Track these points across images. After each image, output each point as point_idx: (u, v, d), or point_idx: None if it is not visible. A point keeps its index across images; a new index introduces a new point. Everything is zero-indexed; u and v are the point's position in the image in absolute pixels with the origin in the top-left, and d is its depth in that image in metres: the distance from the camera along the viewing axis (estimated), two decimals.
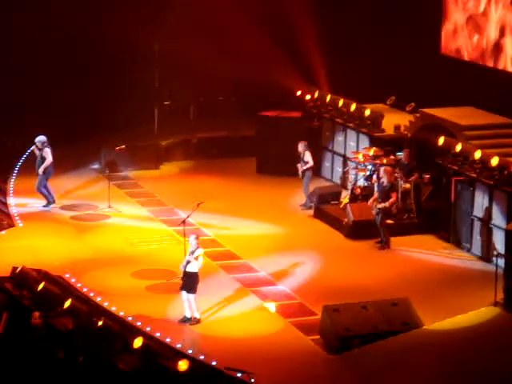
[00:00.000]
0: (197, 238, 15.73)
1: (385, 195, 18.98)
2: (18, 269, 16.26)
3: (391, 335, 14.55)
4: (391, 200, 18.94)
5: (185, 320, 15.54)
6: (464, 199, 19.00)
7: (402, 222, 19.80)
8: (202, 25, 25.74)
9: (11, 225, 19.98)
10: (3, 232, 19.49)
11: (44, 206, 20.91)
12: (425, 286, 17.10)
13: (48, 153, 20.91)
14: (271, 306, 16.26)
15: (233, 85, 26.65)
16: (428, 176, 20.12)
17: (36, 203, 21.03)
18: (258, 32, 25.13)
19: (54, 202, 21.02)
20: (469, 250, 18.86)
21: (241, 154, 25.09)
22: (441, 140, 19.72)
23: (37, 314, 14.13)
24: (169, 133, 25.92)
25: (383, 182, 19.06)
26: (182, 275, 15.74)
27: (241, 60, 25.61)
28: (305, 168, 21.44)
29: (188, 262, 15.58)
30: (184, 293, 15.58)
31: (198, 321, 15.54)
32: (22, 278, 16.01)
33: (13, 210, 20.82)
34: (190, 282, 15.54)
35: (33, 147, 21.41)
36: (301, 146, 21.63)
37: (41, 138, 21.03)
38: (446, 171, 19.46)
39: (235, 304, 16.29)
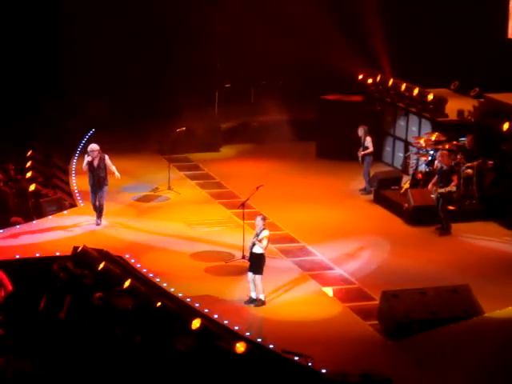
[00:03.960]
0: (263, 219, 15.66)
1: (445, 179, 18.72)
2: (80, 248, 16.44)
3: (450, 322, 14.39)
4: (453, 183, 18.67)
5: (250, 301, 15.53)
6: None
7: (464, 208, 19.56)
8: (265, 7, 25.66)
9: (73, 204, 20.21)
10: (65, 211, 19.72)
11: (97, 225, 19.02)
12: (486, 273, 16.86)
13: (108, 159, 18.89)
14: (329, 291, 16.20)
15: (294, 68, 26.53)
16: (491, 162, 19.82)
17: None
18: (321, 15, 24.97)
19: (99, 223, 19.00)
20: None
21: (301, 137, 25.01)
22: (505, 126, 19.40)
23: (98, 294, 14.29)
24: (229, 115, 25.95)
25: (442, 167, 18.81)
26: (248, 256, 15.79)
27: (303, 43, 25.48)
28: (364, 153, 21.26)
29: (253, 244, 15.58)
30: (250, 274, 15.58)
31: (262, 302, 15.49)
32: (83, 258, 16.18)
33: (75, 190, 21.10)
34: (255, 263, 15.53)
35: (88, 158, 18.68)
36: (361, 131, 21.43)
37: (96, 147, 18.81)
38: (510, 157, 19.14)
39: (293, 288, 16.24)
